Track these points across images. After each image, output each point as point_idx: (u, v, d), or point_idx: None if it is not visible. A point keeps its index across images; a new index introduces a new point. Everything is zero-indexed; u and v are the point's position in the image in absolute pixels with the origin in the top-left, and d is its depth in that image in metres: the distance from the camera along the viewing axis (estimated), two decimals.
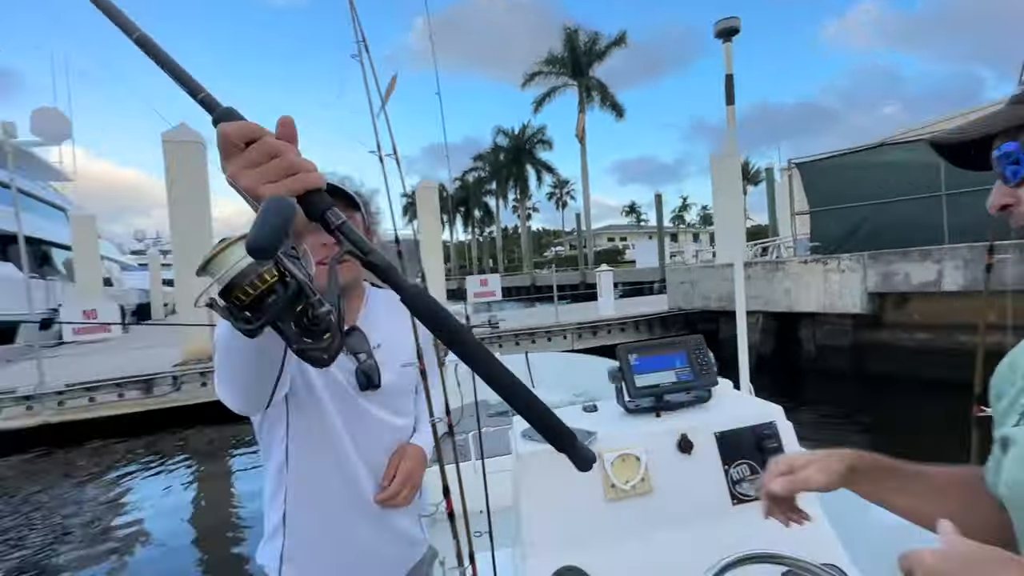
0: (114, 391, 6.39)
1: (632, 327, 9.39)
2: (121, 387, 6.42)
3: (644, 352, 1.23)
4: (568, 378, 4.49)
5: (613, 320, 9.40)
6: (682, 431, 1.13)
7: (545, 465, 1.08)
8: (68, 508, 4.76)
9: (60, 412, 6.19)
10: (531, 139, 37.94)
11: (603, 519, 1.08)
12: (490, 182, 43.06)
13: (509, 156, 38.83)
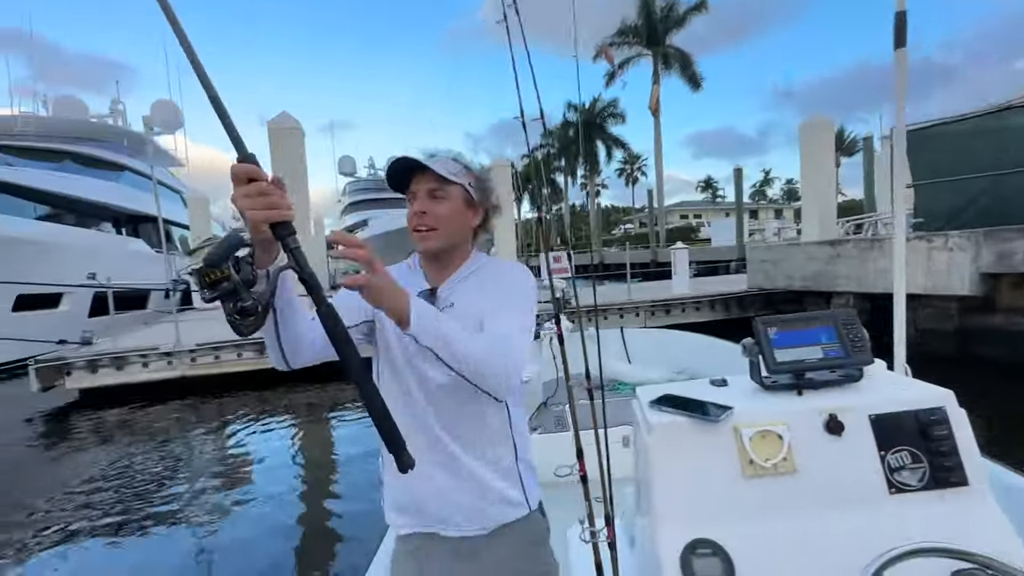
0: (234, 351, 7.32)
1: (707, 306, 9.18)
2: (239, 348, 7.34)
3: (785, 326, 1.16)
4: (665, 354, 4.40)
5: (687, 298, 9.24)
6: (829, 411, 1.06)
7: (679, 436, 1.07)
8: (200, 447, 5.67)
9: (193, 367, 7.22)
10: (602, 113, 36.93)
11: (740, 495, 1.04)
12: (559, 159, 42.61)
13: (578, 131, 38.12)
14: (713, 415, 1.06)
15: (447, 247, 1.10)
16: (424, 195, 1.07)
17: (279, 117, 7.82)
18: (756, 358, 1.17)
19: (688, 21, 28.08)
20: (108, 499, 4.41)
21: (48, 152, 14.07)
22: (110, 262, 12.87)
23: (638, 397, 1.23)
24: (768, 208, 51.75)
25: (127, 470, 5.03)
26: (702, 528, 1.02)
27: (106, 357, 7.02)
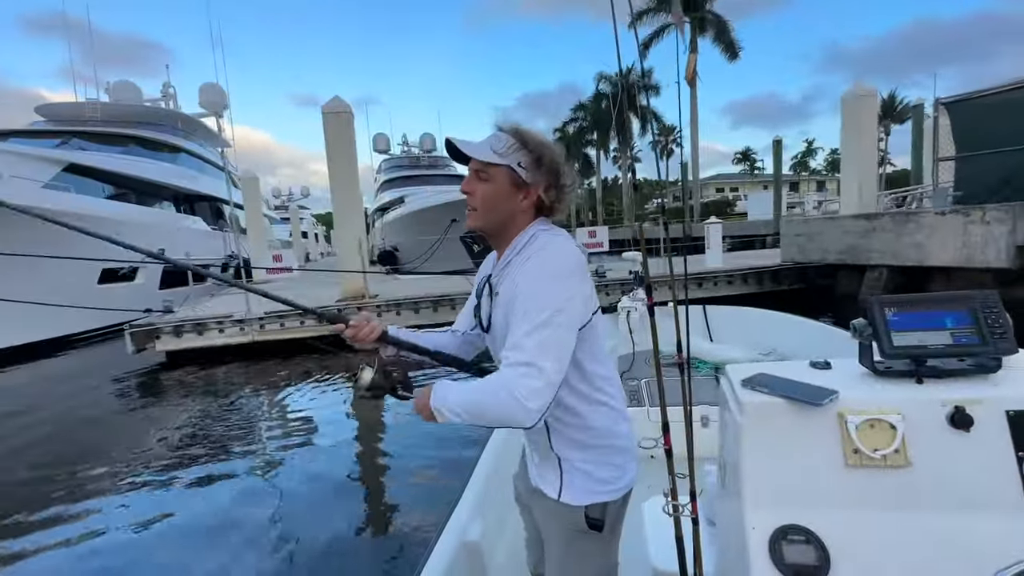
0: (297, 319, 8.07)
1: (740, 279, 9.38)
2: (302, 317, 8.08)
3: (905, 307, 1.06)
4: (749, 332, 4.23)
5: (720, 272, 9.45)
6: (955, 403, 0.96)
7: (774, 418, 1.02)
8: (266, 404, 6.42)
9: (262, 333, 8.01)
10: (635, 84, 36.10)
11: (840, 485, 0.98)
12: (591, 132, 42.03)
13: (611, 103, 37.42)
14: (815, 398, 1.00)
15: (491, 228, 1.14)
16: (472, 174, 1.11)
17: (332, 102, 8.36)
18: (868, 341, 1.07)
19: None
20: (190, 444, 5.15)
21: (116, 136, 15.12)
22: (175, 238, 13.96)
23: (727, 375, 1.20)
24: (810, 180, 49.82)
25: (205, 419, 5.85)
26: (794, 514, 0.98)
27: (188, 323, 7.88)
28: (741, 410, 1.06)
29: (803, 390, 1.03)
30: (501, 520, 2.04)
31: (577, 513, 1.12)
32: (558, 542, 1.17)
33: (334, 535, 3.36)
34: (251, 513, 3.71)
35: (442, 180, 26.87)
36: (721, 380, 1.24)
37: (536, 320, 0.97)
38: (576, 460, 1.13)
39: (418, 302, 8.53)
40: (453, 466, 4.00)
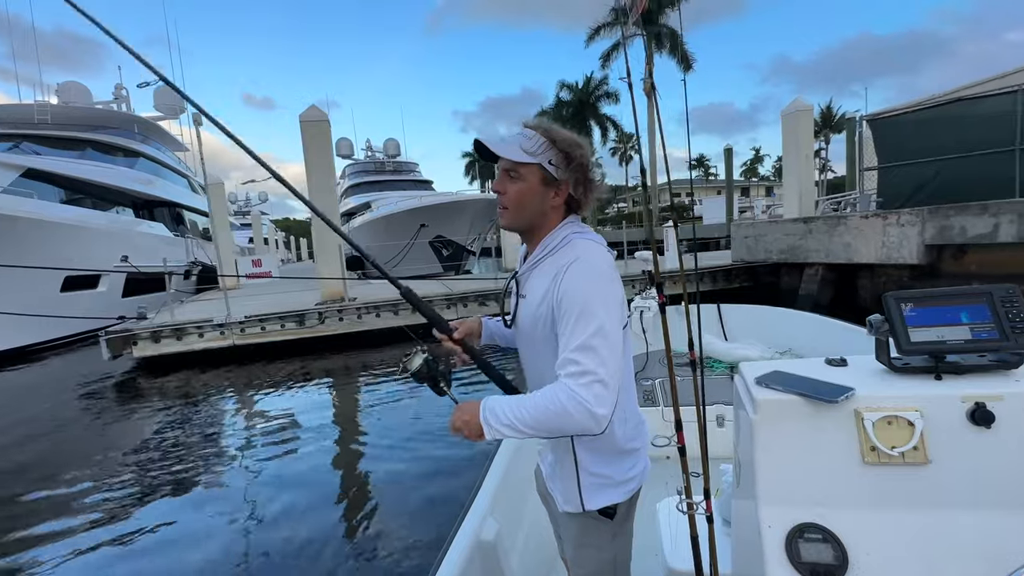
0: (278, 322, 8.25)
1: (695, 277, 10.19)
2: (283, 319, 8.27)
3: (922, 302, 1.05)
4: (763, 331, 4.14)
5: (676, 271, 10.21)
6: (975, 399, 0.95)
7: (788, 415, 1.01)
8: (248, 406, 6.47)
9: (243, 337, 8.14)
10: (594, 92, 37.36)
11: (857, 483, 0.98)
12: None
13: (571, 111, 38.57)
14: (830, 395, 0.99)
15: (522, 226, 1.14)
16: (502, 174, 1.11)
17: (309, 111, 8.61)
18: (885, 337, 1.06)
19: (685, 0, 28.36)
20: (168, 450, 5.08)
21: (70, 140, 14.63)
22: (136, 245, 13.65)
23: (741, 374, 1.19)
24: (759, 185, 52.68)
25: (185, 423, 5.88)
26: (811, 512, 0.97)
27: (167, 328, 7.91)
28: (755, 408, 1.05)
29: (818, 387, 1.02)
30: (516, 519, 2.03)
31: (590, 518, 1.17)
32: (571, 527, 1.21)
33: (346, 536, 3.32)
34: (256, 516, 3.70)
35: (409, 185, 27.01)
36: (735, 378, 1.23)
37: (590, 329, 0.98)
38: (595, 468, 1.14)
39: (397, 304, 8.86)
40: (463, 464, 4.11)
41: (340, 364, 8.06)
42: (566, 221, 1.13)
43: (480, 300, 9.29)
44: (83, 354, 10.49)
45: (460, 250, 18.89)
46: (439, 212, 17.52)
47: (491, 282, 10.06)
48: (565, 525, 1.23)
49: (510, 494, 1.97)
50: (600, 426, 0.96)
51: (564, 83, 38.15)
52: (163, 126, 21.29)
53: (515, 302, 1.19)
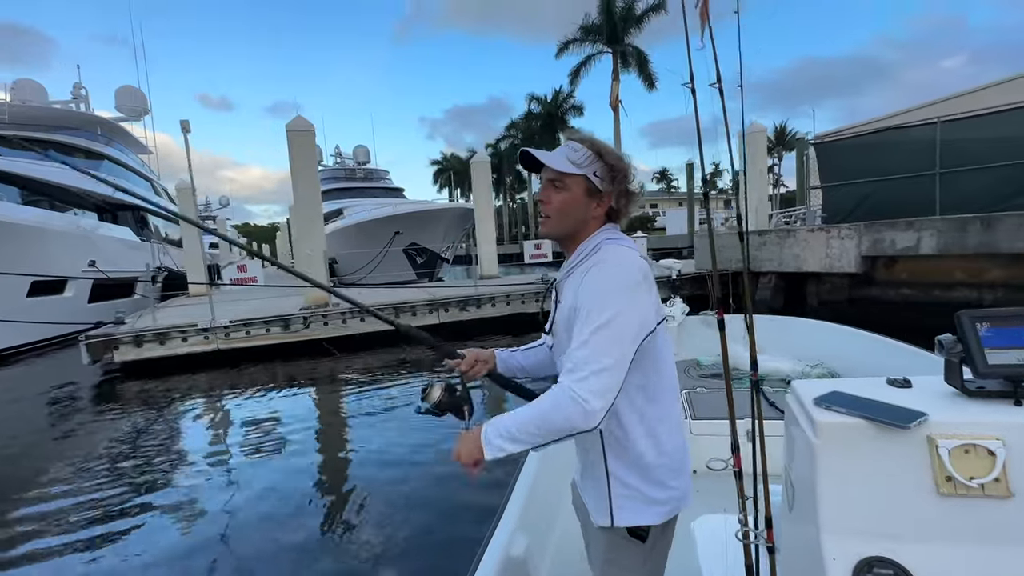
0: (263, 327, 8.39)
1: (664, 284, 10.91)
2: (268, 324, 8.41)
3: (1000, 322, 0.99)
4: (792, 343, 3.99)
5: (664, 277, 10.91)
6: None
7: (854, 440, 0.97)
8: (234, 409, 6.54)
9: (227, 341, 8.24)
10: (563, 105, 38.48)
11: (931, 515, 0.91)
12: None
13: (541, 123, 39.56)
14: (901, 420, 0.94)
15: (563, 234, 1.16)
16: (546, 183, 1.14)
17: (295, 121, 8.83)
18: (957, 358, 1.01)
19: (647, 21, 29.75)
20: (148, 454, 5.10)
21: (33, 141, 14.17)
22: (103, 249, 13.32)
23: (795, 392, 1.15)
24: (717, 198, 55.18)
25: (163, 428, 5.90)
26: (879, 545, 0.92)
27: (150, 333, 7.93)
28: (815, 430, 1.00)
29: (886, 411, 0.97)
30: (545, 534, 1.98)
31: (620, 528, 1.12)
32: (599, 545, 1.18)
33: (372, 551, 3.22)
34: (280, 530, 3.57)
35: (381, 193, 27.05)
36: (788, 396, 1.18)
37: (594, 324, 0.98)
38: (627, 479, 1.10)
39: (382, 309, 9.13)
40: (490, 477, 4.07)
41: (325, 366, 8.27)
42: (602, 228, 1.15)
43: (460, 306, 9.67)
44: (52, 360, 10.24)
45: (434, 257, 19.17)
46: (414, 220, 17.78)
47: (471, 289, 10.46)
48: (595, 540, 1.19)
49: (539, 507, 1.91)
50: (591, 420, 0.94)
51: (534, 96, 39.26)
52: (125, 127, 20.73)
53: (554, 310, 1.19)
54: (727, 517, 1.31)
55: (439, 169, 55.44)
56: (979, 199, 7.39)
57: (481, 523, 1.82)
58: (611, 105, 31.89)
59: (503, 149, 44.84)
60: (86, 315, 12.01)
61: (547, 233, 1.17)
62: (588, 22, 30.43)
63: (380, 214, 18.09)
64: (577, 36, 30.58)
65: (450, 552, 3.17)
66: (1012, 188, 7.18)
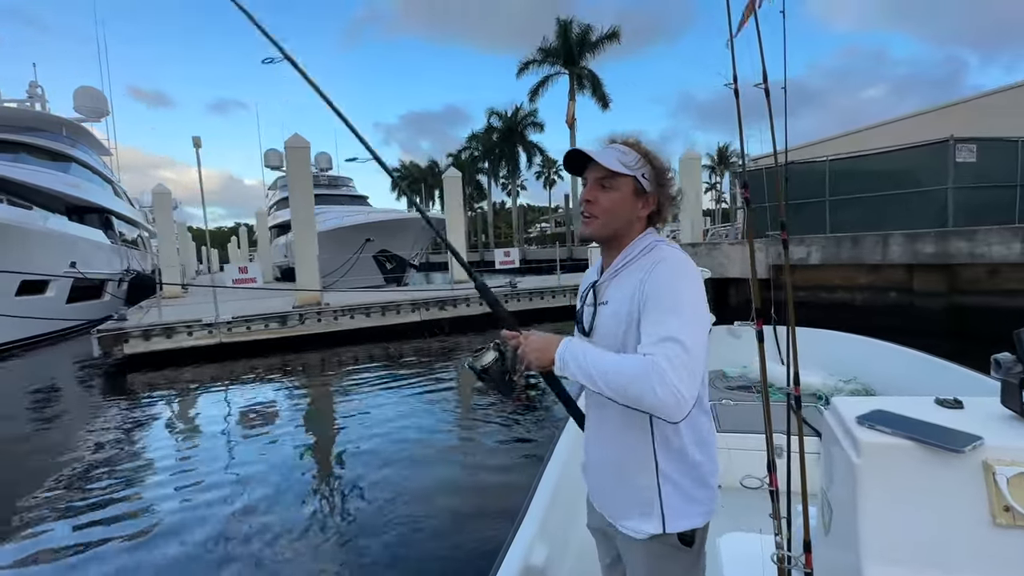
0: (262, 323, 9.32)
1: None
2: (266, 320, 9.35)
3: None
4: (824, 356, 3.87)
5: None
6: None
7: (901, 462, 0.90)
8: (237, 397, 7.20)
9: (229, 335, 9.11)
10: (523, 121, 40.37)
11: (985, 546, 0.85)
12: (483, 161, 45.50)
13: (500, 136, 41.29)
14: (954, 444, 0.88)
15: (608, 235, 1.15)
16: (593, 183, 1.14)
17: (292, 138, 9.85)
18: (1017, 380, 0.94)
19: (601, 48, 32.09)
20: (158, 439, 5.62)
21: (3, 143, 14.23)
22: (80, 251, 13.57)
23: (836, 409, 1.10)
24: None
25: (184, 418, 6.50)
26: (925, 575, 0.86)
27: (158, 327, 8.71)
28: (858, 450, 0.95)
29: (936, 432, 0.91)
30: (565, 543, 1.95)
31: (670, 535, 1.07)
32: (644, 564, 1.12)
33: (384, 562, 3.13)
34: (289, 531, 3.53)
35: (346, 200, 27.66)
36: (827, 414, 1.14)
37: (681, 315, 0.96)
38: (678, 478, 1.07)
39: (370, 307, 10.25)
40: (508, 484, 4.01)
41: (316, 359, 9.28)
42: (647, 231, 1.16)
43: (440, 305, 10.92)
44: (42, 355, 10.61)
45: (403, 264, 20.17)
46: (385, 228, 18.76)
47: (447, 291, 11.73)
48: (635, 557, 1.13)
49: (559, 516, 1.87)
50: (681, 412, 0.91)
51: (494, 111, 40.92)
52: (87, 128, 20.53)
53: (592, 312, 1.17)
54: (756, 536, 1.28)
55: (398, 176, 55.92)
56: (856, 222, 9.49)
57: (498, 529, 1.70)
58: (567, 123, 33.99)
59: (463, 159, 46.23)
60: (65, 316, 12.33)
61: (591, 233, 1.15)
62: (547, 45, 32.50)
63: (352, 222, 18.93)
64: (536, 57, 32.59)
65: (467, 559, 3.06)
66: (876, 215, 9.33)
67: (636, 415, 1.03)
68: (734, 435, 2.24)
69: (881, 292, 8.55)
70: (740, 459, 1.83)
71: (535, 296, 11.87)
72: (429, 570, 3.07)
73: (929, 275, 7.96)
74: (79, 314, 12.98)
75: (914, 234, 8.14)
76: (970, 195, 8.96)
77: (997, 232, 7.28)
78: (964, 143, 8.98)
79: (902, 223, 8.90)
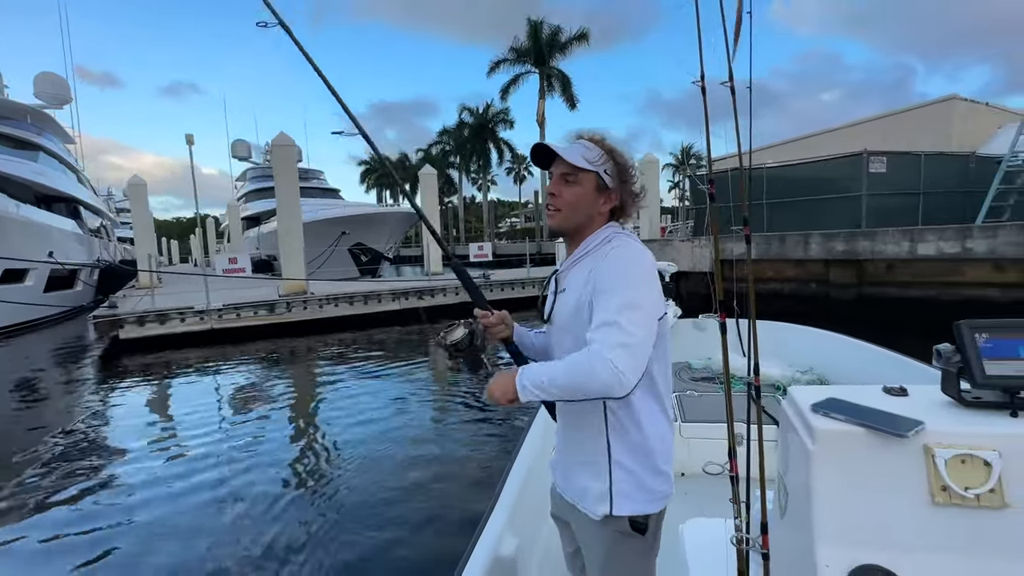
0: (251, 310, 9.94)
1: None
2: (255, 307, 9.98)
3: (1000, 332, 0.97)
4: (782, 348, 3.98)
5: None
6: None
7: (851, 447, 0.96)
8: (230, 378, 7.79)
9: (220, 322, 9.69)
10: (494, 119, 41.15)
11: (925, 525, 0.91)
12: (454, 155, 46.06)
13: (472, 132, 41.97)
14: (898, 428, 0.93)
15: (570, 228, 1.20)
16: (558, 178, 1.18)
17: (279, 136, 10.44)
18: (956, 369, 1.00)
19: (570, 49, 33.15)
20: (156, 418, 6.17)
21: None
22: (55, 240, 13.66)
23: (792, 397, 1.16)
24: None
25: (180, 397, 6.97)
26: (873, 554, 0.92)
27: (152, 314, 9.22)
28: (812, 437, 1.00)
29: (883, 419, 0.97)
30: (534, 534, 2.00)
31: (621, 520, 1.12)
32: (598, 549, 1.17)
33: (354, 550, 3.14)
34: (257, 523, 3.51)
35: (318, 193, 27.83)
36: (784, 402, 1.20)
37: (624, 299, 1.01)
38: (630, 465, 1.12)
39: (352, 296, 10.98)
40: (479, 474, 4.09)
41: (303, 345, 9.97)
42: (608, 224, 1.20)
43: (418, 295, 11.75)
44: (31, 342, 10.81)
45: (378, 256, 20.77)
46: (361, 222, 19.31)
47: (425, 281, 12.56)
48: (590, 545, 1.19)
49: (529, 507, 1.91)
50: (624, 387, 0.96)
51: (466, 106, 41.54)
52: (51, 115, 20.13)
53: (552, 299, 1.23)
54: (717, 521, 1.31)
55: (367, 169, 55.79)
56: (790, 223, 10.88)
57: (470, 521, 1.77)
58: (537, 121, 34.99)
59: (434, 154, 46.64)
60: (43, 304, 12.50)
61: (555, 226, 1.20)
62: (518, 44, 33.35)
63: (328, 215, 19.37)
64: (508, 56, 33.40)
65: (436, 552, 3.09)
66: (806, 217, 10.74)
67: (589, 401, 1.10)
68: (699, 425, 2.29)
69: (804, 283, 9.93)
70: (705, 448, 1.88)
71: (506, 287, 12.85)
72: (400, 557, 3.08)
73: (842, 269, 9.37)
74: (55, 303, 13.15)
75: (829, 234, 9.53)
76: (881, 201, 10.47)
77: (892, 233, 8.71)
78: (876, 155, 10.46)
79: (827, 224, 10.32)
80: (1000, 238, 7.52)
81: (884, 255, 8.74)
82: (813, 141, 17.17)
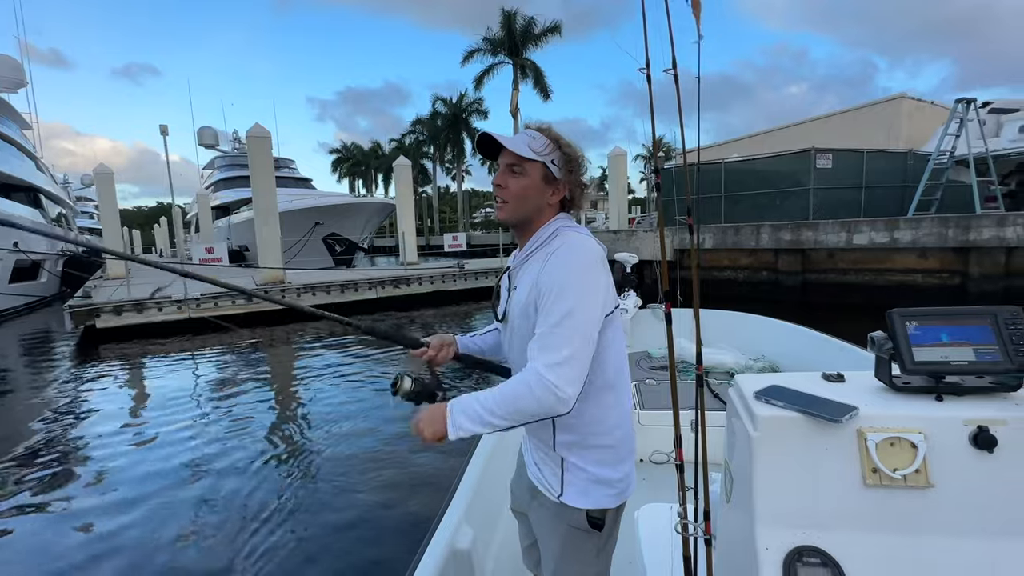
0: (229, 299, 10.13)
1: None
2: (233, 296, 10.17)
3: (927, 320, 1.02)
4: (735, 337, 4.11)
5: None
6: (978, 422, 0.92)
7: (790, 433, 0.99)
8: (207, 366, 8.15)
9: (198, 311, 9.86)
10: (468, 108, 41.17)
11: (858, 506, 0.96)
12: (427, 145, 45.90)
13: (446, 122, 41.91)
14: (834, 414, 0.97)
15: (519, 220, 1.18)
16: (504, 169, 1.16)
17: (255, 128, 10.56)
18: (887, 355, 1.04)
19: (544, 40, 33.42)
20: None
21: None
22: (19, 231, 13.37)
23: (738, 385, 1.18)
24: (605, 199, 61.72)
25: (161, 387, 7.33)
26: (809, 535, 0.97)
27: (128, 303, 9.33)
28: (755, 423, 1.03)
29: (821, 405, 1.01)
30: (491, 527, 2.01)
31: (577, 513, 1.13)
32: (554, 541, 1.17)
33: (313, 540, 3.18)
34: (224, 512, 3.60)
35: (290, 183, 27.49)
36: (731, 390, 1.22)
37: (561, 311, 1.01)
38: (579, 459, 1.13)
39: (330, 285, 11.26)
40: (437, 468, 4.11)
41: (283, 333, 10.22)
42: (558, 216, 1.18)
43: (394, 284, 12.10)
44: None
45: (352, 247, 20.85)
46: (335, 212, 19.34)
47: (401, 271, 12.90)
48: (546, 538, 1.20)
49: (485, 501, 1.92)
50: (565, 405, 0.98)
51: (439, 96, 41.46)
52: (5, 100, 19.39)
53: (506, 296, 1.22)
54: (670, 507, 1.36)
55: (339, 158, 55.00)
56: (745, 215, 11.63)
57: (427, 513, 1.66)
58: (511, 112, 35.22)
59: (408, 144, 46.36)
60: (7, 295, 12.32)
61: (504, 219, 1.18)
62: (491, 35, 33.43)
63: (301, 205, 19.32)
64: (482, 46, 33.47)
65: (393, 543, 3.10)
66: (760, 209, 11.52)
67: None
68: (656, 412, 2.32)
69: (756, 271, 10.71)
70: (662, 435, 1.93)
71: (480, 276, 13.29)
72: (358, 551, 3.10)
73: (789, 257, 10.17)
74: (20, 294, 12.95)
75: (778, 225, 10.32)
76: (827, 195, 11.32)
77: (832, 225, 9.53)
78: (822, 152, 11.28)
79: (779, 216, 11.11)
80: (922, 230, 8.39)
81: (825, 245, 9.55)
82: (779, 135, 18.13)
